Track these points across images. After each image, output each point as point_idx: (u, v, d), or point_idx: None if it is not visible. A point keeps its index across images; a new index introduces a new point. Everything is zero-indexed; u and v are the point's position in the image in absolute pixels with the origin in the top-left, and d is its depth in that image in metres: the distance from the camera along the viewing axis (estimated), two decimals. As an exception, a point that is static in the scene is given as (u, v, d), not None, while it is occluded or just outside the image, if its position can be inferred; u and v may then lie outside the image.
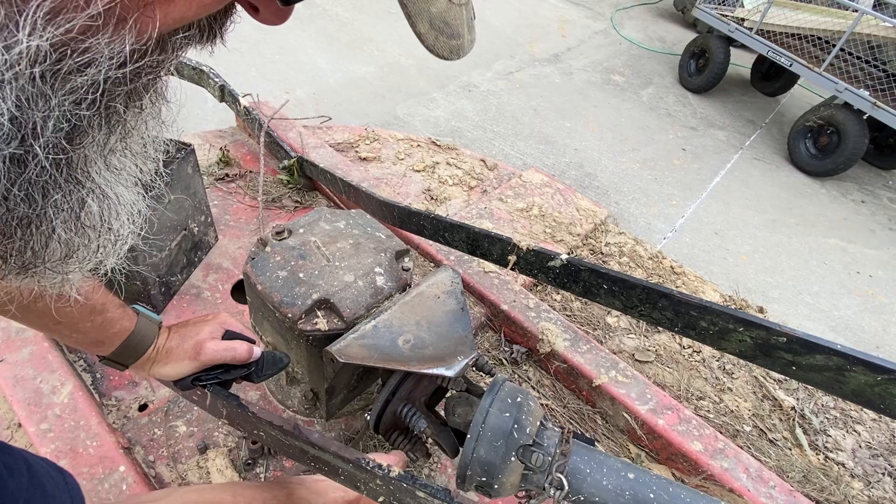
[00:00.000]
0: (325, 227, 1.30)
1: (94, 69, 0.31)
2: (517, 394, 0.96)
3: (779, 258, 4.10)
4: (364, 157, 2.58)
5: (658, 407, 1.56)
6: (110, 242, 0.42)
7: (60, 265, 0.40)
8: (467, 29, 0.41)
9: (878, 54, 5.27)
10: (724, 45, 5.75)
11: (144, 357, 0.88)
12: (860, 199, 5.03)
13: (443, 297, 1.14)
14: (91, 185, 0.38)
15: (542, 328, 1.71)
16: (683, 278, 2.23)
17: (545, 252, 1.45)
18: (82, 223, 0.39)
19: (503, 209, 2.33)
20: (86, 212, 0.38)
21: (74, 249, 0.40)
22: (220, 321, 0.99)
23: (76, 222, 0.38)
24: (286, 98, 2.68)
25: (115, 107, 0.35)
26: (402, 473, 0.87)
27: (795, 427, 1.75)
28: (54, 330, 0.78)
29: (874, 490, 1.63)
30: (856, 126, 4.69)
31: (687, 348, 1.96)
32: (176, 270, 1.72)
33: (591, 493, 0.88)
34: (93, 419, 1.33)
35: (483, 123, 4.88)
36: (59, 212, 0.36)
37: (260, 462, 1.36)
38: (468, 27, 0.41)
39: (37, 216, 0.35)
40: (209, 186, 2.20)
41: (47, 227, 0.37)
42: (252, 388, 1.53)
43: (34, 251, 0.37)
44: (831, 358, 1.02)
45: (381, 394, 1.03)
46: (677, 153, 5.08)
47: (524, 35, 6.62)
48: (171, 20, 0.33)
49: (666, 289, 1.22)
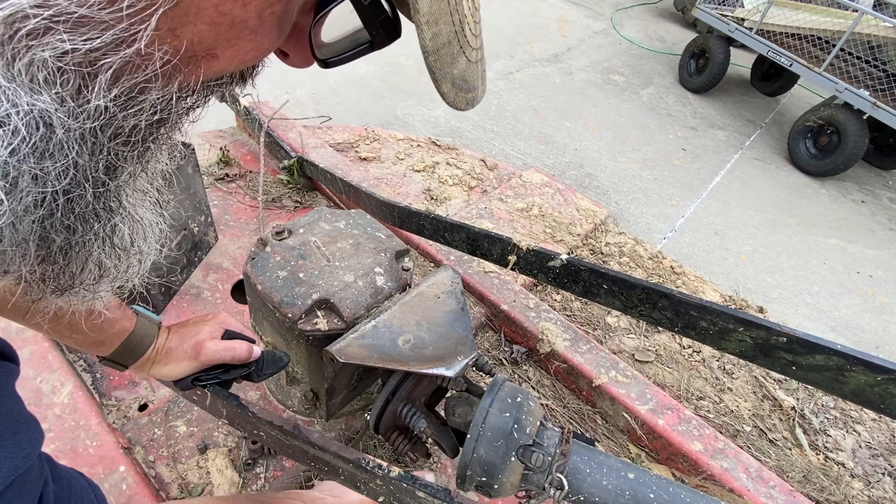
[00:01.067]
0: (325, 227, 1.30)
1: (141, 116, 0.35)
2: (517, 394, 0.96)
3: (779, 258, 4.10)
4: (364, 157, 2.58)
5: (658, 407, 1.56)
6: (138, 262, 0.46)
7: (94, 285, 0.44)
8: (481, 81, 0.45)
9: (878, 54, 5.27)
10: (724, 45, 5.75)
11: (144, 357, 0.88)
12: (860, 199, 5.03)
13: (443, 297, 1.14)
14: (122, 211, 0.42)
15: (542, 328, 1.72)
16: (683, 278, 2.23)
17: (545, 252, 1.45)
18: (115, 246, 0.42)
19: (503, 209, 2.33)
20: (118, 236, 0.42)
21: (107, 270, 0.43)
22: (220, 321, 0.98)
23: (110, 246, 0.42)
24: (286, 98, 2.68)
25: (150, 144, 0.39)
26: (402, 473, 0.87)
27: (795, 427, 1.75)
28: (54, 330, 0.78)
29: (874, 490, 1.63)
30: (856, 126, 4.69)
31: (687, 348, 1.96)
32: (176, 270, 1.72)
33: (591, 493, 0.88)
34: (93, 419, 1.33)
35: (483, 123, 4.88)
36: (96, 238, 0.40)
37: (260, 462, 1.36)
38: (482, 79, 0.45)
39: (76, 243, 0.39)
40: (209, 186, 2.20)
41: (85, 252, 0.40)
42: (252, 388, 1.53)
43: (72, 274, 0.41)
44: (831, 358, 1.02)
45: (381, 394, 1.03)
46: (677, 153, 5.08)
47: (524, 35, 6.62)
48: (212, 73, 0.37)
49: (666, 289, 1.22)
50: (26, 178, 0.32)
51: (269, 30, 0.37)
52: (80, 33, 0.30)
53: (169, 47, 0.33)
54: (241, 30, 0.35)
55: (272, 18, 0.37)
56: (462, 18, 0.40)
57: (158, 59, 0.33)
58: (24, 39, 0.29)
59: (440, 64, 0.39)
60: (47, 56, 0.30)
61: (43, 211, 0.35)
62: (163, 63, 0.33)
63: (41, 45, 0.29)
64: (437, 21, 0.37)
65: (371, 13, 0.40)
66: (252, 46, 0.37)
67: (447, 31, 0.39)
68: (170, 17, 0.32)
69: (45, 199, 0.34)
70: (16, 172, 0.31)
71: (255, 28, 0.36)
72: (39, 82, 0.30)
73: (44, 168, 0.33)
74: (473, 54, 0.43)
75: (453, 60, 0.40)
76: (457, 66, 0.41)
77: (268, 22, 0.37)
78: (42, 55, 0.29)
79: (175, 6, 0.31)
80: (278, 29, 0.38)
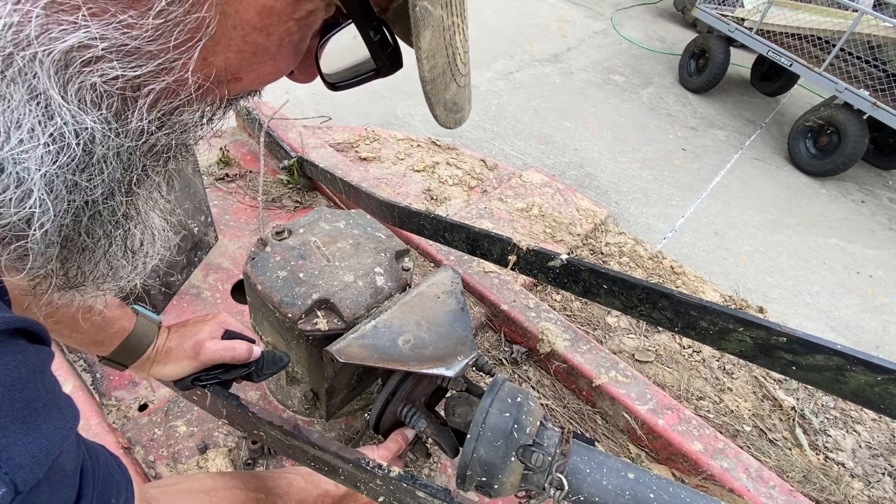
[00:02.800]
0: (325, 227, 1.30)
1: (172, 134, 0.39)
2: (517, 394, 0.96)
3: (779, 258, 4.10)
4: (364, 157, 2.58)
5: (658, 407, 1.56)
6: (143, 264, 0.49)
7: (102, 283, 0.47)
8: (468, 102, 0.51)
9: (878, 54, 5.27)
10: (724, 45, 5.75)
11: (144, 357, 0.88)
12: (860, 199, 5.03)
13: (443, 297, 1.14)
14: (137, 217, 0.45)
15: (542, 328, 1.71)
16: (683, 278, 2.23)
17: (545, 252, 1.45)
18: (128, 248, 0.46)
19: (503, 209, 2.33)
20: (131, 239, 0.46)
21: (116, 270, 0.47)
22: (220, 321, 0.99)
23: (123, 248, 0.45)
24: (286, 98, 2.68)
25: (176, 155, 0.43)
26: (402, 473, 0.87)
27: (795, 427, 1.75)
28: (54, 330, 0.78)
29: (874, 490, 1.63)
30: (856, 126, 4.69)
31: (687, 348, 1.96)
32: (176, 270, 1.72)
33: (591, 493, 0.88)
34: (93, 419, 1.33)
35: (483, 123, 4.88)
36: (112, 241, 0.44)
37: (260, 462, 1.36)
38: (468, 101, 0.51)
39: (95, 246, 0.42)
40: (209, 186, 2.20)
41: (99, 253, 0.43)
42: (252, 388, 1.53)
43: (83, 272, 0.44)
44: (831, 358, 1.02)
45: (381, 394, 1.03)
46: (677, 153, 5.08)
47: (524, 35, 6.62)
48: (235, 91, 0.41)
49: (666, 289, 1.22)
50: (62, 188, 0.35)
51: (287, 55, 0.42)
52: (128, 62, 0.33)
53: (201, 74, 0.37)
54: (262, 56, 0.40)
55: (290, 45, 0.41)
56: (455, 51, 0.44)
57: (193, 84, 0.36)
58: (80, 66, 0.32)
59: (435, 91, 0.44)
60: (97, 81, 0.33)
61: (71, 217, 0.37)
62: (196, 88, 0.37)
63: (93, 70, 0.33)
64: (434, 55, 0.41)
65: (379, 47, 0.44)
66: (271, 70, 0.42)
67: (442, 63, 0.43)
68: (205, 47, 0.35)
69: (76, 207, 0.37)
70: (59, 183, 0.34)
71: (274, 54, 0.40)
72: (87, 103, 0.33)
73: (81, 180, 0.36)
74: (462, 80, 0.47)
75: (446, 87, 0.45)
76: (448, 92, 0.45)
77: (286, 48, 0.41)
78: (92, 80, 0.33)
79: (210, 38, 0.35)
80: (294, 54, 0.43)
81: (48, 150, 0.33)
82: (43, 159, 0.33)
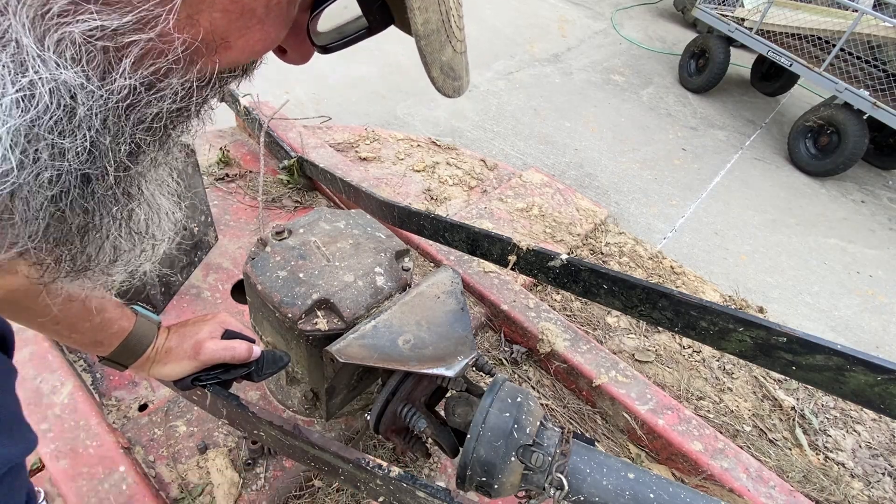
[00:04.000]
0: (325, 227, 1.30)
1: (163, 102, 0.37)
2: (517, 394, 0.96)
3: (779, 258, 4.10)
4: (364, 157, 2.58)
5: (658, 407, 1.56)
6: (151, 247, 0.48)
7: (108, 268, 0.46)
8: (465, 72, 0.50)
9: (878, 54, 5.27)
10: (724, 45, 5.75)
11: (144, 357, 0.88)
12: (860, 199, 5.03)
13: (443, 297, 1.14)
14: (140, 197, 0.44)
15: (542, 328, 1.71)
16: (683, 278, 2.23)
17: (545, 252, 1.45)
18: (131, 230, 0.45)
19: (503, 209, 2.33)
20: (134, 220, 0.44)
21: (121, 254, 0.45)
22: (220, 321, 0.98)
23: (126, 230, 0.44)
24: (286, 98, 2.68)
25: (171, 132, 0.42)
26: (402, 473, 0.87)
27: (795, 427, 1.75)
28: (53, 330, 0.78)
29: (874, 490, 1.63)
30: (856, 126, 4.69)
31: (687, 348, 1.96)
32: (176, 270, 1.72)
33: (591, 493, 0.88)
34: (93, 419, 1.33)
35: (483, 123, 4.88)
36: (113, 221, 0.42)
37: (260, 462, 1.36)
38: (466, 71, 0.51)
39: (94, 225, 0.41)
40: (209, 186, 2.20)
41: (102, 235, 0.42)
42: (252, 388, 1.53)
43: (89, 256, 0.43)
44: (831, 358, 1.02)
45: (381, 394, 1.03)
46: (677, 153, 5.08)
47: (524, 35, 6.62)
48: (225, 63, 0.40)
49: (666, 289, 1.22)
50: (44, 152, 0.33)
51: (275, 20, 0.41)
52: (107, 13, 0.32)
53: (188, 34, 0.35)
54: (250, 18, 0.39)
55: (278, 9, 0.40)
56: (448, 10, 0.44)
57: (179, 44, 0.35)
58: (56, 17, 0.31)
59: (430, 49, 0.43)
60: (76, 33, 0.31)
61: (58, 188, 0.35)
62: (184, 48, 0.36)
63: (71, 21, 0.31)
64: (426, 8, 0.41)
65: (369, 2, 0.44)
66: (260, 36, 0.41)
67: (436, 19, 0.42)
68: (188, 3, 0.34)
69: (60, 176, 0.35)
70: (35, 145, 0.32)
71: (262, 18, 0.39)
72: (67, 59, 0.32)
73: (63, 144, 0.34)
74: (459, 45, 0.47)
75: (441, 47, 0.44)
76: (444, 54, 0.45)
77: (274, 12, 0.40)
78: (71, 32, 0.31)
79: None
80: (283, 20, 0.42)
81: (18, 104, 0.31)
82: (10, 111, 0.31)
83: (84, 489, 1.21)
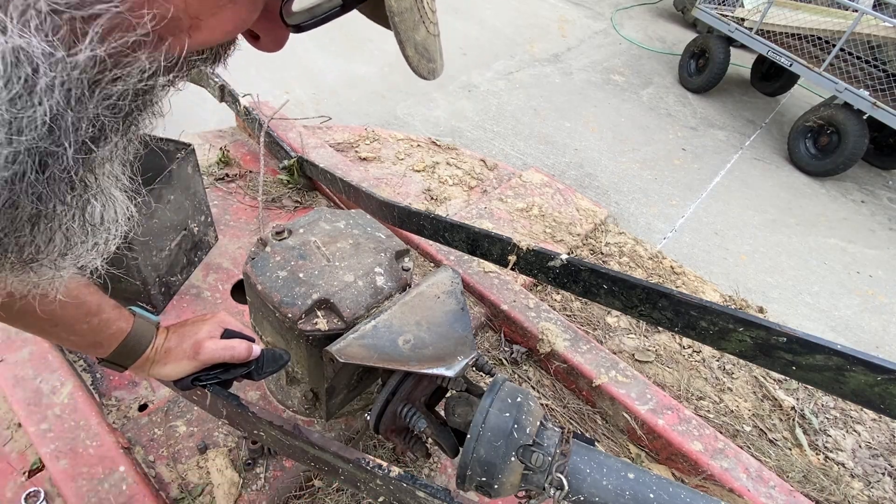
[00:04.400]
0: (325, 227, 1.30)
1: (129, 80, 0.36)
2: (517, 394, 0.96)
3: (779, 258, 4.10)
4: (364, 157, 2.58)
5: (658, 407, 1.56)
6: (103, 241, 0.46)
7: (57, 261, 0.43)
8: (440, 56, 0.51)
9: (878, 54, 5.27)
10: (724, 45, 5.75)
11: (143, 358, 0.88)
12: (860, 199, 5.03)
13: (443, 297, 1.14)
14: (96, 187, 0.42)
15: (542, 328, 1.71)
16: (683, 278, 2.23)
17: (545, 252, 1.45)
18: (86, 222, 0.42)
19: (503, 209, 2.33)
20: (89, 212, 0.42)
21: (72, 246, 0.43)
22: (219, 320, 0.98)
23: (81, 221, 0.42)
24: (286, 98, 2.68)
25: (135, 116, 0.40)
26: (402, 473, 0.87)
27: (795, 427, 1.75)
28: (51, 333, 0.78)
29: (874, 490, 1.63)
30: (856, 126, 4.69)
31: (687, 348, 1.96)
32: (176, 270, 1.72)
33: (591, 493, 0.88)
34: (93, 419, 1.33)
35: (483, 123, 4.88)
36: (68, 209, 0.40)
37: (260, 462, 1.36)
38: (440, 54, 0.51)
39: (47, 214, 0.38)
40: (209, 186, 2.20)
41: (54, 225, 0.40)
42: (252, 388, 1.53)
43: (38, 246, 0.40)
44: (831, 358, 1.02)
45: (381, 394, 1.03)
46: (677, 153, 5.08)
47: (524, 35, 6.62)
48: (195, 44, 0.39)
49: (666, 289, 1.22)
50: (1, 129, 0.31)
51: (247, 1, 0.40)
52: None
53: (158, 10, 0.34)
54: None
55: None
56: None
57: (149, 19, 0.34)
58: None
59: (404, 27, 0.43)
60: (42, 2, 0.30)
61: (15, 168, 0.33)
62: (153, 24, 0.34)
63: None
64: None
65: None
66: (231, 17, 0.40)
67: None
68: None
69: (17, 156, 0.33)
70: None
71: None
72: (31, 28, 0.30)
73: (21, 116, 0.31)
74: (432, 28, 0.47)
75: (415, 26, 0.44)
76: (418, 33, 0.45)
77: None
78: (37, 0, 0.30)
79: None
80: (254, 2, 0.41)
81: None
82: None
83: (84, 489, 1.21)
